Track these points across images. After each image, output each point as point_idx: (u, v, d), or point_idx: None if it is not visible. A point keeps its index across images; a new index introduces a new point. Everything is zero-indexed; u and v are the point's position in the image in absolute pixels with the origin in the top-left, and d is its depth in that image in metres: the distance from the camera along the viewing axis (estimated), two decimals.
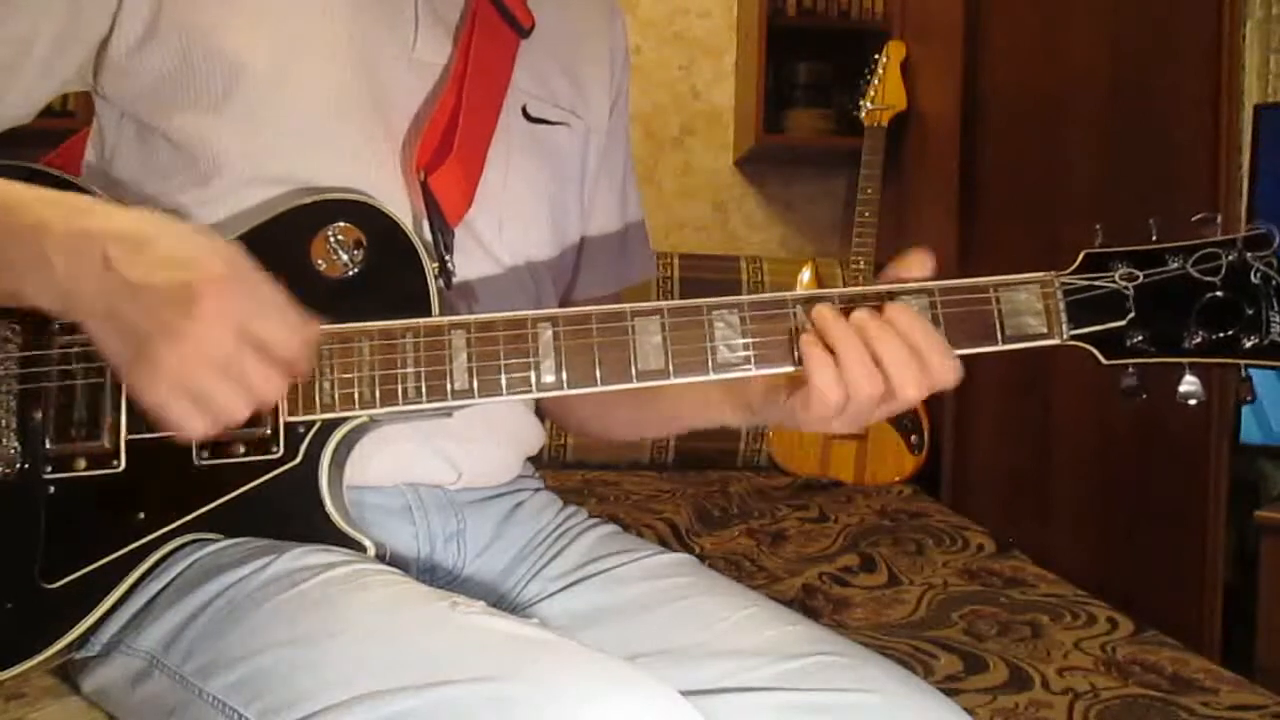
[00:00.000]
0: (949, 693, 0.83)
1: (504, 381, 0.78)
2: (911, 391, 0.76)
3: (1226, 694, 1.22)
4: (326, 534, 0.78)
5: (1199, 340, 0.76)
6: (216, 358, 0.69)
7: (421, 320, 0.78)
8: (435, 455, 0.89)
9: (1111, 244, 0.78)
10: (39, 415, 0.78)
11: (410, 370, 0.77)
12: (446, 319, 0.79)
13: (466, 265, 0.89)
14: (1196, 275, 0.76)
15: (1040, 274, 0.79)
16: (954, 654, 1.35)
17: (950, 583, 1.68)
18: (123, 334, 0.71)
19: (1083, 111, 2.26)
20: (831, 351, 0.76)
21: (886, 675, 0.81)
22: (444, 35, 0.91)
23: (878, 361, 0.76)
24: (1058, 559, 1.85)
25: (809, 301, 0.78)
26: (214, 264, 0.70)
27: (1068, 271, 0.78)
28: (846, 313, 0.77)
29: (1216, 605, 2.00)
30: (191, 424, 0.71)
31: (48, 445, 0.78)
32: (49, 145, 0.98)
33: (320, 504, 0.78)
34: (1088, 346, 0.78)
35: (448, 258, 0.84)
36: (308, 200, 0.81)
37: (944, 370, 0.77)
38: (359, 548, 0.78)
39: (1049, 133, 2.34)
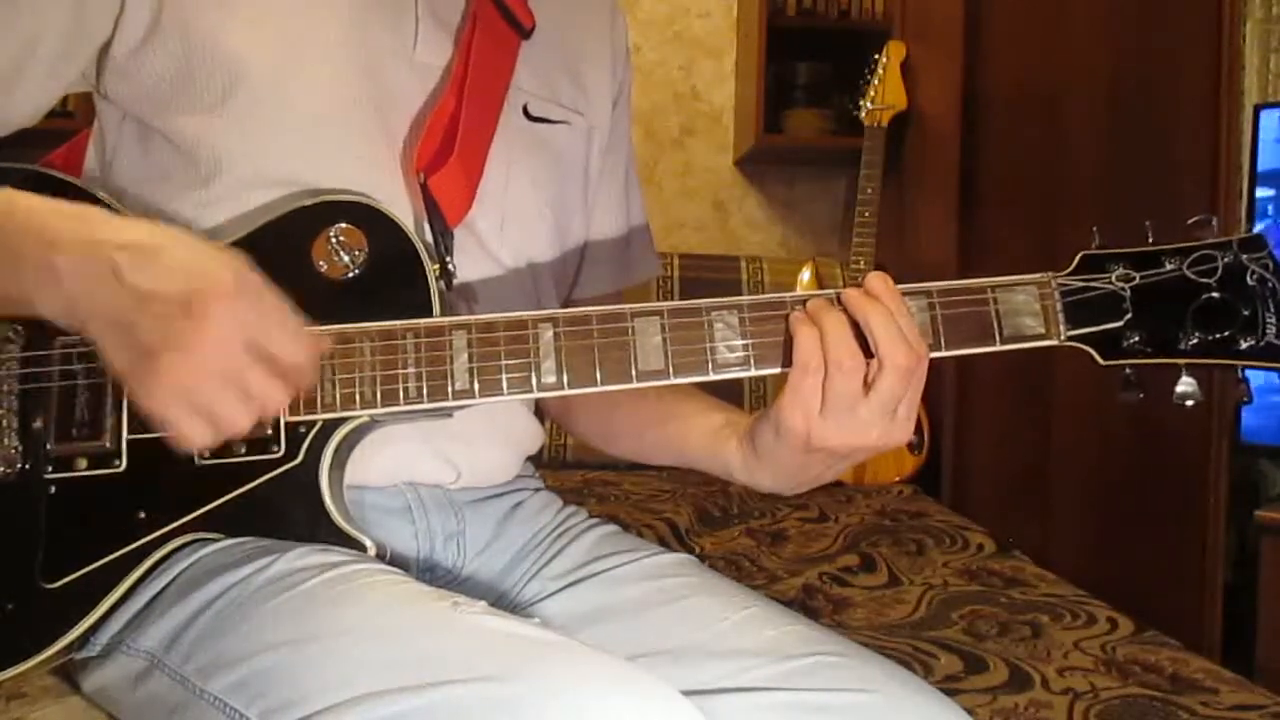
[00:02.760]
0: (949, 693, 0.83)
1: (505, 382, 0.78)
2: (901, 356, 0.74)
3: (1226, 694, 1.22)
4: (327, 534, 0.78)
5: (1195, 341, 0.76)
6: (222, 369, 0.69)
7: (422, 321, 0.78)
8: (435, 455, 0.89)
9: (1108, 246, 0.79)
10: (40, 415, 0.79)
11: (411, 370, 0.78)
12: (447, 319, 0.79)
13: (469, 265, 0.89)
14: (1192, 277, 0.77)
15: (1037, 275, 0.79)
16: (954, 654, 1.35)
17: (950, 583, 1.68)
18: (129, 343, 0.70)
19: (1083, 111, 2.26)
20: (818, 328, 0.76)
21: (886, 675, 0.81)
22: (445, 37, 0.91)
23: (866, 327, 0.75)
24: (1058, 559, 1.85)
25: (808, 303, 0.78)
26: (223, 275, 0.70)
27: (1065, 273, 0.79)
28: None
29: (1216, 605, 2.00)
30: (194, 434, 0.71)
31: (49, 445, 0.78)
32: (49, 145, 0.98)
33: (321, 504, 0.78)
34: (1085, 347, 0.79)
35: (448, 259, 0.84)
36: (309, 202, 0.81)
37: (919, 343, 0.76)
38: (359, 547, 0.79)
39: (1049, 133, 2.34)
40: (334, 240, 0.80)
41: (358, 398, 0.78)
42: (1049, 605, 1.55)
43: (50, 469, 0.78)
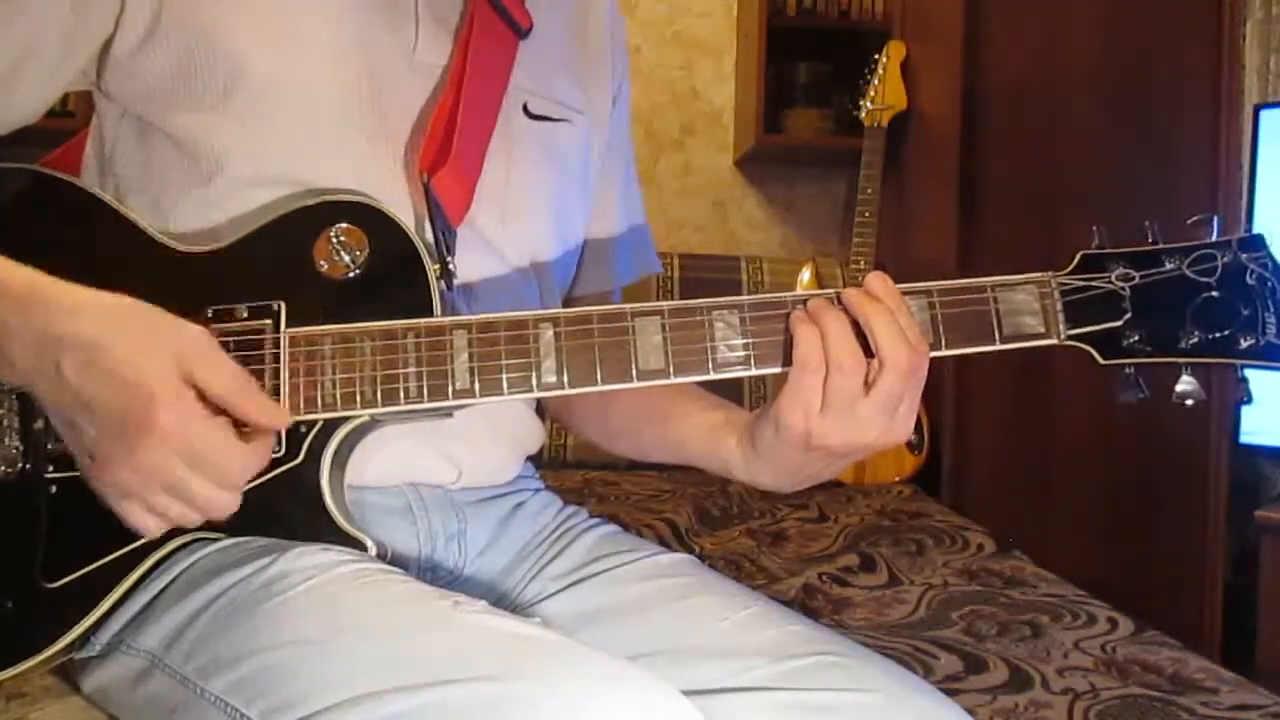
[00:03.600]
0: (949, 693, 0.83)
1: (505, 381, 0.78)
2: (902, 357, 0.74)
3: (1226, 694, 1.22)
4: (327, 533, 0.78)
5: (1195, 340, 0.76)
6: (160, 481, 0.71)
7: (423, 320, 0.78)
8: (436, 455, 0.89)
9: (1108, 245, 0.79)
10: (41, 415, 0.78)
11: (412, 370, 0.78)
12: (448, 319, 0.79)
13: (471, 264, 0.89)
14: (1192, 276, 0.77)
15: (1037, 274, 0.79)
16: (954, 654, 1.35)
17: (950, 583, 1.68)
18: (74, 438, 0.73)
19: (1083, 111, 2.26)
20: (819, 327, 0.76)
21: (886, 675, 0.81)
22: (445, 37, 0.91)
23: (867, 327, 0.75)
24: (1058, 559, 1.85)
25: (809, 302, 0.78)
26: (162, 388, 0.69)
27: (1065, 272, 0.79)
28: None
29: (1216, 605, 2.00)
30: (143, 525, 0.74)
31: (50, 445, 0.78)
32: (49, 145, 0.98)
33: (321, 503, 0.78)
34: (1085, 347, 0.78)
35: (449, 258, 0.84)
36: (311, 201, 0.81)
37: (921, 343, 0.76)
38: (360, 547, 0.78)
39: (1049, 133, 2.34)
40: (335, 240, 0.80)
41: (358, 397, 0.78)
42: (1049, 605, 1.55)
43: (51, 468, 0.78)
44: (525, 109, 0.96)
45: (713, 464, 0.90)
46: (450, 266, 0.84)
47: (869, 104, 2.66)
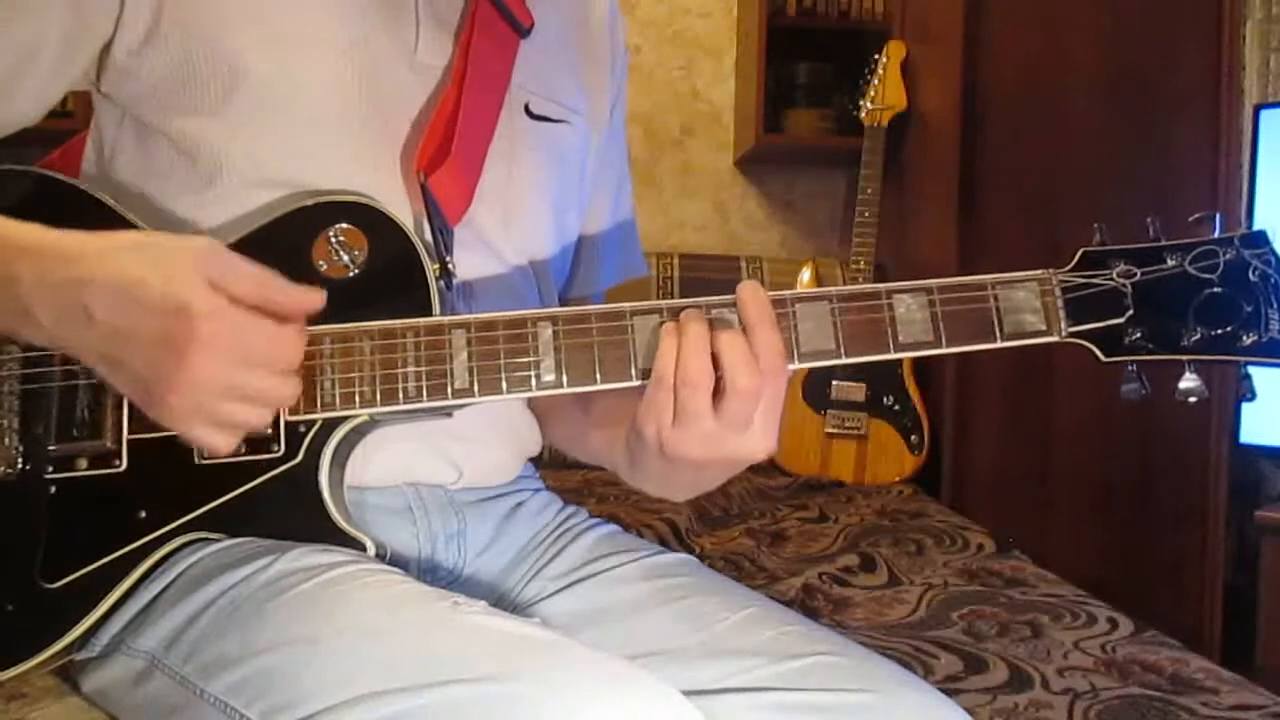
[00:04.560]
0: (949, 693, 0.82)
1: (504, 381, 0.78)
2: (742, 379, 0.73)
3: (1226, 694, 1.22)
4: (327, 533, 0.78)
5: (1198, 337, 0.76)
6: (219, 389, 0.71)
7: (422, 320, 0.78)
8: (436, 455, 0.89)
9: (1109, 242, 0.79)
10: (41, 415, 0.78)
11: (411, 369, 0.78)
12: (447, 318, 0.79)
13: (473, 264, 0.89)
14: (1194, 273, 0.76)
15: (1038, 271, 0.78)
16: (954, 654, 1.35)
17: (950, 583, 1.68)
18: (123, 376, 0.73)
19: (1083, 111, 2.27)
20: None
21: (886, 675, 0.81)
22: (445, 37, 0.91)
23: (714, 347, 0.74)
24: (1058, 559, 1.85)
25: (806, 300, 0.78)
26: (195, 301, 0.69)
27: (1065, 269, 0.78)
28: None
29: (1216, 605, 2.00)
30: (216, 443, 0.73)
31: (50, 445, 0.78)
32: (49, 145, 0.98)
33: (321, 503, 0.78)
34: (1087, 344, 0.78)
35: (448, 258, 0.84)
36: (309, 202, 0.81)
37: (774, 359, 0.74)
38: (359, 547, 0.78)
39: (1049, 133, 2.34)
40: (334, 240, 0.80)
41: (357, 397, 0.77)
42: (1049, 605, 1.55)
43: (51, 469, 0.78)
44: (527, 109, 0.96)
45: (616, 468, 0.91)
46: (449, 266, 0.84)
47: (869, 104, 2.66)
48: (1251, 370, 0.77)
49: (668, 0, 3.07)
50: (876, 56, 2.69)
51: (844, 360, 0.78)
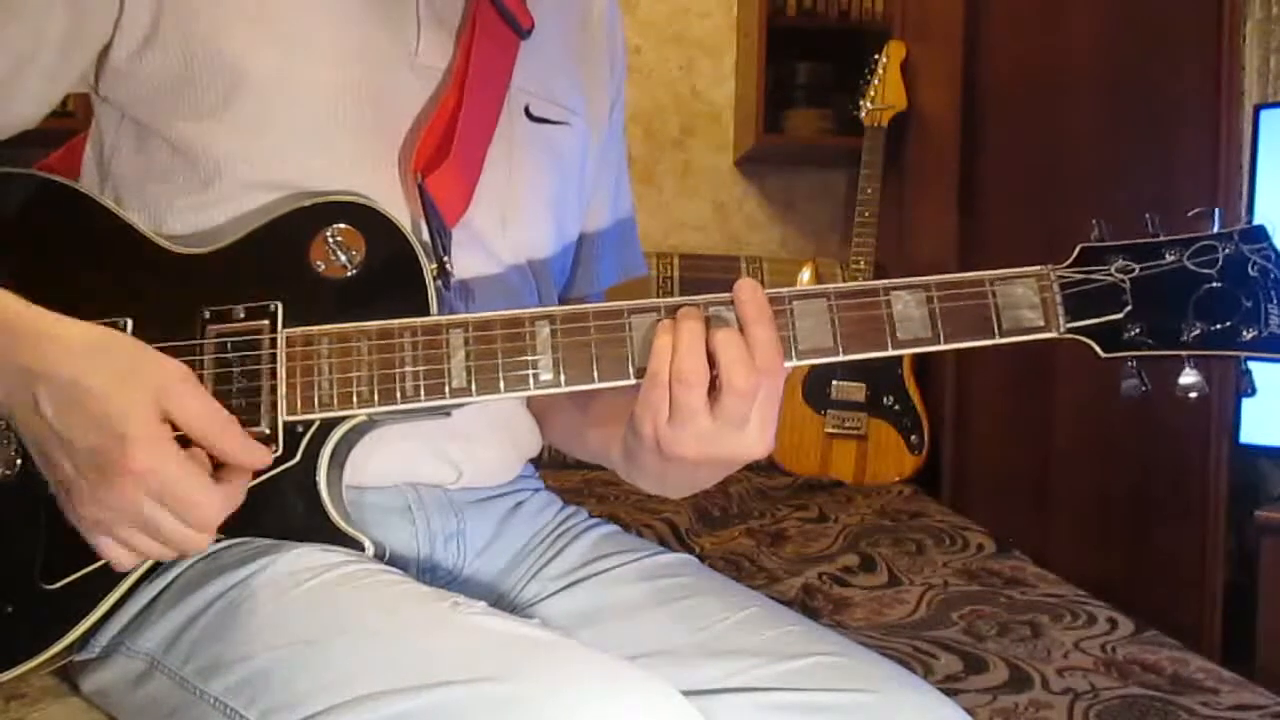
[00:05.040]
0: (949, 693, 0.82)
1: (502, 380, 0.78)
2: (739, 379, 0.72)
3: (1226, 694, 1.22)
4: (326, 533, 0.78)
5: (1197, 332, 0.75)
6: (131, 518, 0.71)
7: (419, 319, 0.78)
8: (435, 455, 0.89)
9: (1108, 239, 0.78)
10: None
11: (409, 369, 0.77)
12: (444, 318, 0.79)
13: (471, 264, 0.89)
14: (1193, 268, 0.76)
15: (1036, 268, 0.78)
16: (954, 654, 1.35)
17: (950, 583, 1.68)
18: (53, 471, 0.73)
19: (1083, 111, 2.26)
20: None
21: (886, 675, 0.81)
22: (446, 38, 0.91)
23: (710, 346, 0.74)
24: (1058, 559, 1.85)
25: (804, 297, 0.78)
26: (136, 429, 0.69)
27: (1064, 265, 0.78)
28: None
29: (1216, 605, 2.00)
30: (117, 557, 0.74)
31: None
32: (49, 145, 0.98)
33: (319, 503, 0.78)
34: (1086, 340, 0.78)
35: (446, 258, 0.84)
36: (307, 203, 0.81)
37: (772, 359, 0.74)
38: (358, 547, 0.78)
39: (1049, 132, 2.34)
40: (331, 241, 0.80)
41: (355, 397, 0.77)
42: (1049, 605, 1.55)
43: None
44: (527, 111, 0.96)
45: (612, 466, 0.91)
46: (447, 266, 0.84)
47: (869, 104, 2.66)
48: (1251, 365, 0.77)
49: (668, 0, 3.07)
50: (876, 56, 2.69)
51: (842, 358, 0.78)
